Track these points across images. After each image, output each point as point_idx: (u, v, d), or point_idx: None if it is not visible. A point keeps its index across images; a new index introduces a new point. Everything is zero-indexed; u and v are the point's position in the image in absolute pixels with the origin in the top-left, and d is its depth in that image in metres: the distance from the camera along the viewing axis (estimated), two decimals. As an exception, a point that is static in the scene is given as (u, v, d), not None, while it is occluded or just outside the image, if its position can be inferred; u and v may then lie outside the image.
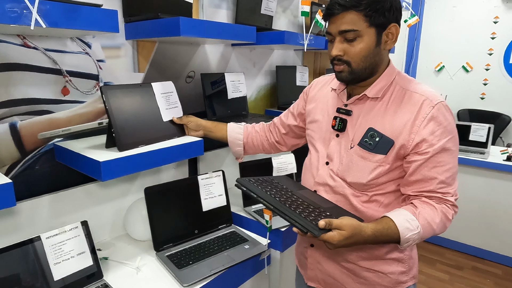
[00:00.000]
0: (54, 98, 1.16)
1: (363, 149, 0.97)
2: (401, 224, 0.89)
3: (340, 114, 1.04)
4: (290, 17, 2.20)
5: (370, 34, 0.91)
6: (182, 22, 1.11)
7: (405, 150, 0.93)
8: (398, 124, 0.93)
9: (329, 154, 1.05)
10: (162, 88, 1.25)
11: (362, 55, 0.92)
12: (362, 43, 0.91)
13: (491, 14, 3.65)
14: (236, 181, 0.99)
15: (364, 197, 1.00)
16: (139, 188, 1.42)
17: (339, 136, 1.04)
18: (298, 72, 2.17)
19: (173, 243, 1.26)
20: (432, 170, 0.92)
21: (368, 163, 0.97)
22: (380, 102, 0.98)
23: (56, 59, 1.14)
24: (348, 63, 0.94)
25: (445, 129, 0.91)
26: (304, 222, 0.83)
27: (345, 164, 1.01)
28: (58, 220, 1.20)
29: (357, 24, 0.89)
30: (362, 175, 0.98)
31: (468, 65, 3.83)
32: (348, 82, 1.00)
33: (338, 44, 0.93)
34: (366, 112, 0.99)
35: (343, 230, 0.83)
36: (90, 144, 1.15)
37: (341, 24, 0.90)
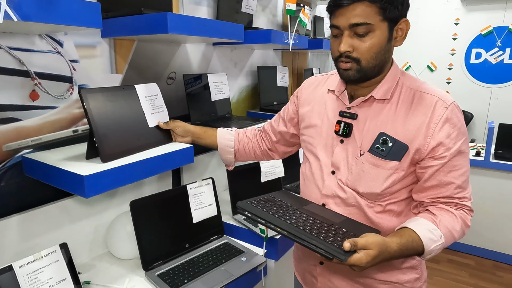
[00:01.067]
0: (22, 103, 1.01)
1: (375, 156, 0.89)
2: (424, 235, 0.83)
3: (343, 118, 0.95)
4: (269, 16, 2.14)
5: (383, 29, 0.83)
6: (170, 18, 1.01)
7: (420, 155, 0.87)
8: (411, 128, 0.87)
9: (334, 163, 0.96)
10: (146, 90, 1.14)
11: (374, 51, 0.83)
12: (374, 38, 0.82)
13: (452, 16, 3.83)
14: (237, 206, 0.91)
15: (378, 207, 0.93)
16: (120, 202, 1.29)
17: (343, 142, 0.95)
18: (278, 72, 2.12)
19: (163, 260, 1.15)
20: (448, 174, 0.87)
21: (382, 171, 0.89)
22: (388, 104, 0.90)
23: (23, 59, 1.00)
24: (358, 61, 0.85)
25: (459, 131, 0.86)
26: (326, 247, 0.74)
27: (356, 173, 0.92)
28: (29, 243, 1.05)
29: (370, 17, 0.80)
30: (375, 184, 0.90)
31: (433, 65, 3.99)
32: (355, 81, 0.90)
33: (348, 39, 0.84)
34: (374, 116, 0.91)
35: (370, 250, 0.75)
36: (66, 155, 1.02)
37: (352, 16, 0.81)
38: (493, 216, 2.70)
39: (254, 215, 0.86)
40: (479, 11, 3.70)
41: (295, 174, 1.94)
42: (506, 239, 2.71)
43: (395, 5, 0.81)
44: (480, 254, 2.81)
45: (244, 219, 1.49)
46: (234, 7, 1.74)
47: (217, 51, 1.73)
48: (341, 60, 0.88)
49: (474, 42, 3.76)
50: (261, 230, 1.28)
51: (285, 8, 2.27)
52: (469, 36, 3.77)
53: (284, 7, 2.27)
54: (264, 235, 1.26)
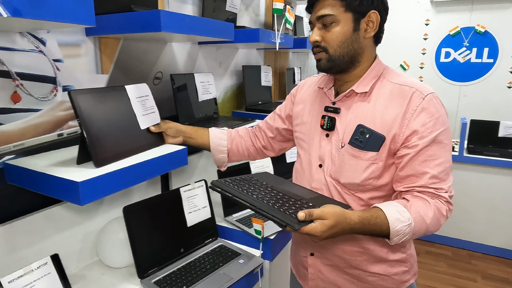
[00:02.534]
0: (2, 106, 0.94)
1: (353, 147, 0.93)
2: (391, 214, 0.84)
3: (328, 112, 1.00)
4: (252, 15, 2.13)
5: (347, 19, 0.90)
6: (163, 16, 0.97)
7: (396, 144, 0.90)
8: (388, 118, 0.90)
9: (320, 156, 1.01)
10: (137, 91, 1.09)
11: (339, 40, 0.91)
12: (338, 28, 0.90)
13: (423, 17, 3.97)
14: (211, 183, 0.94)
15: (360, 200, 0.96)
16: (108, 208, 1.24)
17: (328, 136, 1.00)
18: (262, 71, 2.11)
19: (158, 267, 1.11)
20: (423, 164, 0.88)
21: (360, 161, 0.93)
22: (368, 98, 0.95)
23: (3, 58, 0.93)
24: (325, 49, 0.93)
25: (437, 121, 0.88)
26: (282, 216, 0.78)
27: (337, 165, 0.96)
28: (14, 255, 0.98)
29: (334, 9, 0.89)
30: (354, 175, 0.94)
31: (405, 64, 4.13)
32: (328, 70, 0.97)
33: (317, 30, 0.93)
34: (355, 109, 0.96)
35: (326, 219, 0.78)
36: (54, 161, 0.96)
37: (319, 9, 0.91)
38: (468, 208, 2.83)
39: (223, 190, 0.90)
40: (447, 12, 3.87)
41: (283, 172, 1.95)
42: (479, 230, 2.85)
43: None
44: (456, 244, 2.93)
45: (236, 220, 1.47)
46: (219, 6, 1.71)
47: (203, 51, 1.70)
48: (314, 51, 0.96)
49: (444, 42, 3.92)
50: (256, 231, 1.26)
51: (268, 7, 2.27)
52: (439, 36, 3.93)
53: (267, 6, 2.26)
54: (260, 236, 1.25)
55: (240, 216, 1.50)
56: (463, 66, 3.87)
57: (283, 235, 1.43)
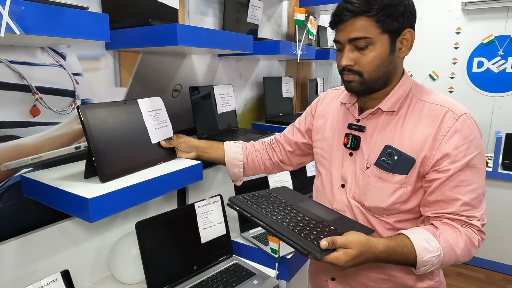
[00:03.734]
0: (22, 120, 0.95)
1: (380, 169, 0.88)
2: (418, 243, 0.79)
3: (352, 130, 0.95)
4: (274, 26, 2.10)
5: (383, 41, 0.83)
6: (180, 29, 0.96)
7: (425, 168, 0.84)
8: (418, 140, 0.84)
9: (343, 176, 0.95)
10: (150, 105, 1.08)
11: (375, 64, 0.84)
12: (374, 51, 0.83)
13: (454, 25, 3.82)
14: (229, 200, 0.89)
15: (386, 224, 0.90)
16: (123, 222, 1.23)
17: (352, 155, 0.94)
18: (284, 83, 2.08)
19: (170, 285, 1.08)
20: (454, 189, 0.83)
21: (387, 184, 0.87)
22: (396, 116, 0.89)
23: (24, 73, 0.94)
24: (360, 73, 0.85)
25: (470, 144, 0.83)
26: (303, 243, 0.73)
27: (362, 187, 0.91)
28: (28, 268, 0.98)
29: (369, 30, 0.81)
30: (381, 199, 0.88)
31: (435, 74, 3.97)
32: (359, 93, 0.91)
33: (348, 53, 0.85)
34: (381, 128, 0.90)
35: (350, 249, 0.73)
36: (66, 174, 0.96)
37: (351, 31, 0.83)
38: (502, 227, 2.65)
39: (241, 209, 0.85)
40: (480, 20, 3.70)
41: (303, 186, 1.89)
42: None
43: (393, 17, 0.81)
44: (490, 267, 2.74)
45: (253, 237, 1.42)
46: (240, 18, 1.70)
47: (223, 63, 1.69)
48: (345, 73, 0.89)
49: (476, 51, 3.74)
50: (272, 250, 1.21)
51: (290, 18, 2.24)
52: (471, 45, 3.76)
53: (289, 17, 2.24)
54: (277, 256, 1.20)
55: (257, 233, 1.46)
56: (497, 76, 3.67)
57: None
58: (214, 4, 1.59)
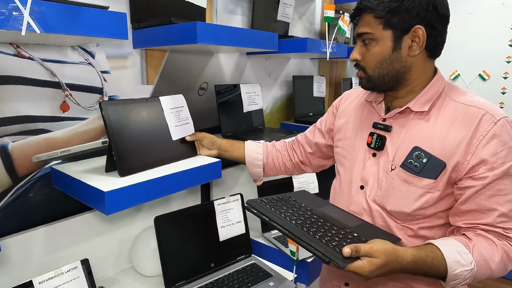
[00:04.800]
0: (52, 115, 1.01)
1: (407, 171, 0.82)
2: (450, 255, 0.73)
3: (377, 130, 0.90)
4: (306, 24, 2.06)
5: (386, 38, 0.81)
6: (199, 27, 0.96)
7: (458, 173, 0.78)
8: (450, 143, 0.78)
9: (364, 177, 0.91)
10: (171, 102, 1.10)
11: (376, 60, 0.83)
12: (376, 47, 0.83)
13: (509, 21, 3.51)
14: (246, 203, 0.87)
15: (408, 230, 0.84)
16: (146, 215, 1.26)
17: (376, 156, 0.90)
18: (315, 82, 2.03)
19: (187, 280, 1.09)
20: (490, 199, 0.76)
21: (413, 188, 0.82)
22: (426, 117, 0.83)
23: (55, 70, 1.00)
24: (364, 69, 0.86)
25: (510, 150, 0.76)
26: (324, 249, 0.69)
27: (385, 189, 0.86)
28: (54, 255, 1.04)
29: (372, 26, 0.81)
30: (405, 203, 0.83)
31: (485, 74, 3.68)
32: (370, 89, 0.91)
33: (358, 48, 0.87)
34: (410, 128, 0.85)
35: (375, 258, 0.69)
36: (90, 167, 1.00)
37: (359, 26, 0.85)
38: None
39: (259, 212, 0.83)
40: (540, 15, 3.37)
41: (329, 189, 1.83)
42: None
43: (395, 13, 0.78)
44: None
45: (274, 237, 1.40)
46: (270, 16, 1.68)
47: (251, 61, 1.68)
48: (355, 69, 0.91)
49: (534, 48, 3.42)
50: (291, 252, 1.18)
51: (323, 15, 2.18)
52: (528, 42, 3.43)
53: (322, 14, 2.18)
54: (295, 258, 1.17)
55: (279, 234, 1.43)
56: (558, 76, 3.32)
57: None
58: (243, 2, 1.58)
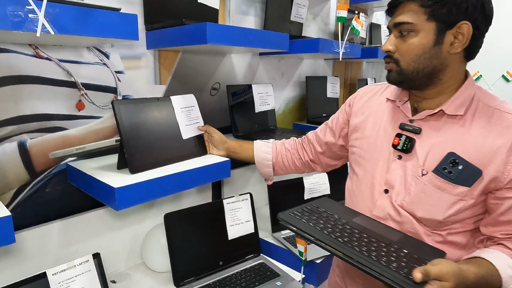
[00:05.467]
0: (68, 113, 1.05)
1: (440, 177, 0.79)
2: (504, 271, 0.71)
3: (404, 131, 0.86)
4: (320, 24, 2.05)
5: (428, 30, 0.77)
6: (209, 28, 0.98)
7: (497, 183, 0.75)
8: (487, 150, 0.75)
9: (389, 180, 0.86)
10: (182, 102, 1.12)
11: (414, 53, 0.78)
12: (415, 38, 0.78)
13: (535, 19, 3.39)
14: (279, 219, 0.83)
15: (437, 236, 0.81)
16: (158, 212, 1.29)
17: (401, 158, 0.85)
18: (329, 83, 2.01)
19: (195, 277, 1.11)
20: None
21: (446, 195, 0.79)
22: (461, 121, 0.80)
23: (71, 70, 1.04)
24: (397, 61, 0.81)
25: None
26: (392, 276, 0.64)
27: (415, 195, 0.82)
28: (69, 249, 1.08)
29: (414, 16, 0.77)
30: (437, 210, 0.80)
31: (509, 74, 3.56)
32: (397, 84, 0.86)
33: (392, 38, 0.82)
34: (443, 132, 0.81)
35: (445, 281, 0.64)
36: (104, 164, 1.03)
37: (398, 16, 0.80)
38: None
39: (300, 230, 0.78)
40: None
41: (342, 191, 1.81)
42: None
43: (443, 4, 0.73)
44: None
45: (284, 238, 1.41)
46: (284, 16, 1.69)
47: (264, 61, 1.69)
48: (385, 61, 0.85)
49: (562, 48, 3.28)
50: (299, 252, 1.18)
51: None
52: (556, 41, 3.30)
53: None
54: (303, 259, 1.16)
55: (289, 234, 1.43)
56: None
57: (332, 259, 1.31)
58: (256, 3, 1.60)
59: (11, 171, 0.96)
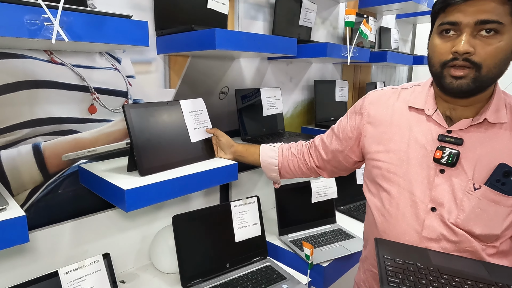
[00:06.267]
0: (80, 116, 1.08)
1: (495, 191, 0.76)
2: None
3: (445, 143, 0.80)
4: (329, 28, 2.06)
5: (511, 33, 0.69)
6: (218, 34, 1.00)
7: None
8: None
9: (435, 197, 0.81)
10: (191, 106, 1.14)
11: (499, 58, 0.69)
12: (502, 42, 0.68)
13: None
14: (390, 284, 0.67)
15: (490, 249, 0.79)
16: (166, 214, 1.31)
17: (444, 173, 0.80)
18: (337, 86, 2.02)
19: (202, 278, 1.13)
20: None
21: (501, 208, 0.76)
22: (502, 130, 0.77)
23: (84, 75, 1.07)
24: (478, 66, 0.70)
25: None
26: None
27: (470, 211, 0.78)
28: (79, 249, 1.10)
29: (501, 15, 0.67)
30: (494, 225, 0.77)
31: (522, 78, 3.50)
32: (464, 93, 0.75)
33: (470, 38, 0.69)
34: (487, 142, 0.78)
35: None
36: (114, 166, 1.06)
37: (480, 12, 0.68)
38: None
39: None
40: None
41: (351, 195, 1.82)
42: None
43: None
44: None
45: (291, 241, 1.41)
46: (292, 21, 1.70)
47: (272, 66, 1.71)
48: (454, 65, 0.72)
49: None
50: (306, 256, 1.19)
51: (346, 20, 2.18)
52: None
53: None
54: (309, 262, 1.17)
55: (295, 237, 1.44)
56: None
57: (339, 263, 1.32)
58: (264, 8, 1.61)
59: (25, 172, 0.99)
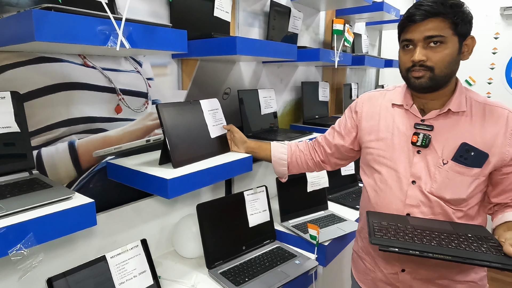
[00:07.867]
0: (108, 116, 1.16)
1: (459, 164, 0.97)
2: None
3: (419, 129, 1.02)
4: (312, 34, 2.25)
5: (454, 42, 0.93)
6: (238, 41, 1.13)
7: (502, 162, 0.96)
8: (488, 137, 0.96)
9: (414, 173, 1.02)
10: (209, 105, 1.27)
11: (447, 61, 0.93)
12: (447, 50, 0.92)
13: (492, 30, 3.78)
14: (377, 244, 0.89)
15: (459, 213, 1.00)
16: (181, 206, 1.42)
17: (420, 153, 1.01)
18: (320, 87, 2.22)
19: (224, 260, 1.25)
20: None
21: (465, 177, 0.97)
22: (463, 116, 0.99)
23: (111, 77, 1.15)
24: (431, 69, 0.94)
25: None
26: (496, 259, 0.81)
27: (440, 181, 0.99)
28: (109, 239, 1.18)
29: (444, 30, 0.92)
30: (461, 191, 0.98)
31: (471, 79, 3.94)
32: (426, 89, 0.98)
33: (422, 50, 0.94)
34: (452, 127, 0.99)
35: None
36: (142, 161, 1.16)
37: (425, 30, 0.92)
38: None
39: (402, 248, 0.87)
40: (520, 25, 3.64)
41: (339, 184, 2.02)
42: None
43: (465, 21, 0.93)
44: (527, 273, 2.70)
45: (293, 226, 1.57)
46: (282, 27, 1.87)
47: (266, 69, 1.86)
48: (414, 69, 0.97)
49: (516, 56, 3.69)
50: (311, 236, 1.35)
51: (327, 27, 2.38)
52: (510, 50, 3.71)
53: (326, 26, 2.38)
54: (316, 241, 1.33)
55: (296, 222, 1.60)
56: (538, 81, 3.60)
57: (338, 242, 1.49)
58: (260, 16, 1.76)
59: (62, 168, 1.06)
